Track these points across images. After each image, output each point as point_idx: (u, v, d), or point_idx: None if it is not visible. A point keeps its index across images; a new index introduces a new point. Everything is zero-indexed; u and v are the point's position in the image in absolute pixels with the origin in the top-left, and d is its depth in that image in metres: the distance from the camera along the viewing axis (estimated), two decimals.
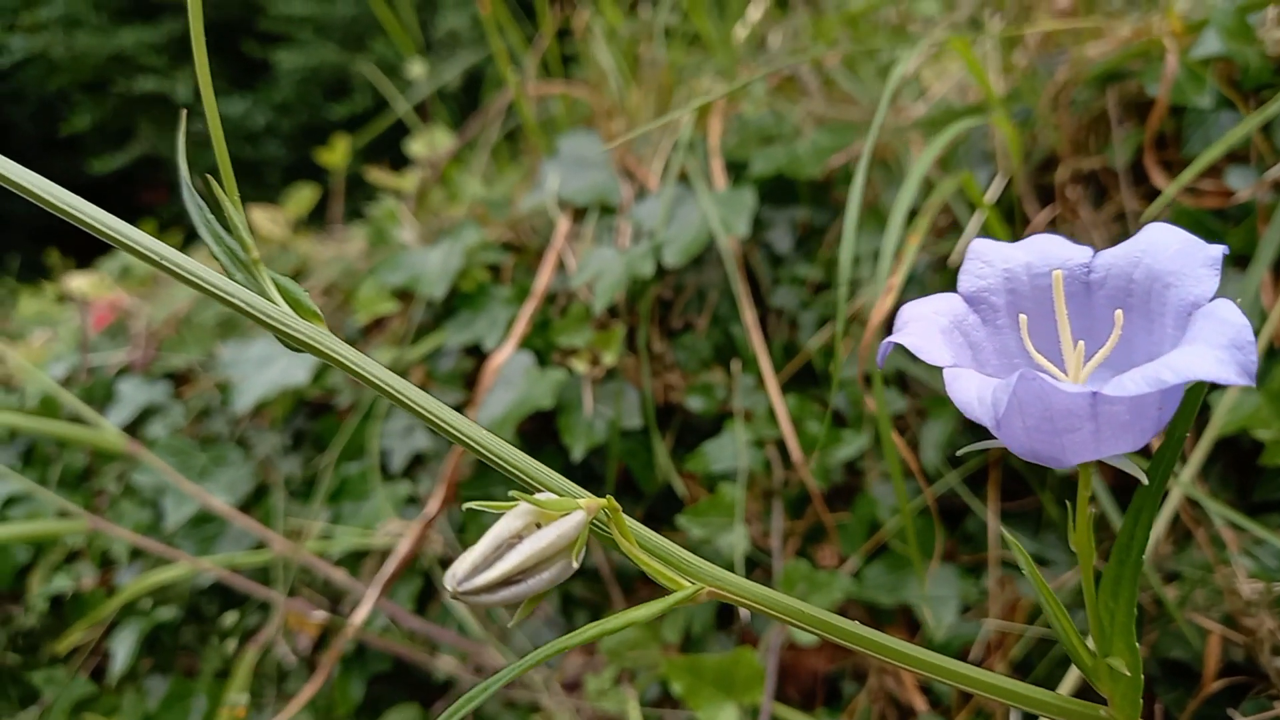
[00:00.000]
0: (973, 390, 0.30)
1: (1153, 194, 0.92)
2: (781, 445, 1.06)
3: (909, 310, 0.36)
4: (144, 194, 9.15)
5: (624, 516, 0.33)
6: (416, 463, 1.31)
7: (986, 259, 0.36)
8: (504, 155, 1.87)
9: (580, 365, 1.08)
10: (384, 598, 1.09)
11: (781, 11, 1.54)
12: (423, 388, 1.32)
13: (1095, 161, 0.93)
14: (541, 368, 1.15)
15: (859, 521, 1.02)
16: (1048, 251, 0.36)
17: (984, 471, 0.97)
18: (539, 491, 0.36)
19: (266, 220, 1.74)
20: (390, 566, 1.07)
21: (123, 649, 1.47)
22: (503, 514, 0.32)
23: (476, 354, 1.29)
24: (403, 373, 1.30)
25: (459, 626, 1.19)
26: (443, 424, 0.35)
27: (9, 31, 5.45)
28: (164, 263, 0.31)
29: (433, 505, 1.10)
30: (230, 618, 1.24)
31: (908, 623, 1.01)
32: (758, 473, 1.03)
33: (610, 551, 1.15)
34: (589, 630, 0.31)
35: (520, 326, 1.15)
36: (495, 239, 1.34)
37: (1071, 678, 0.79)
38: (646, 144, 1.31)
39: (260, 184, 5.56)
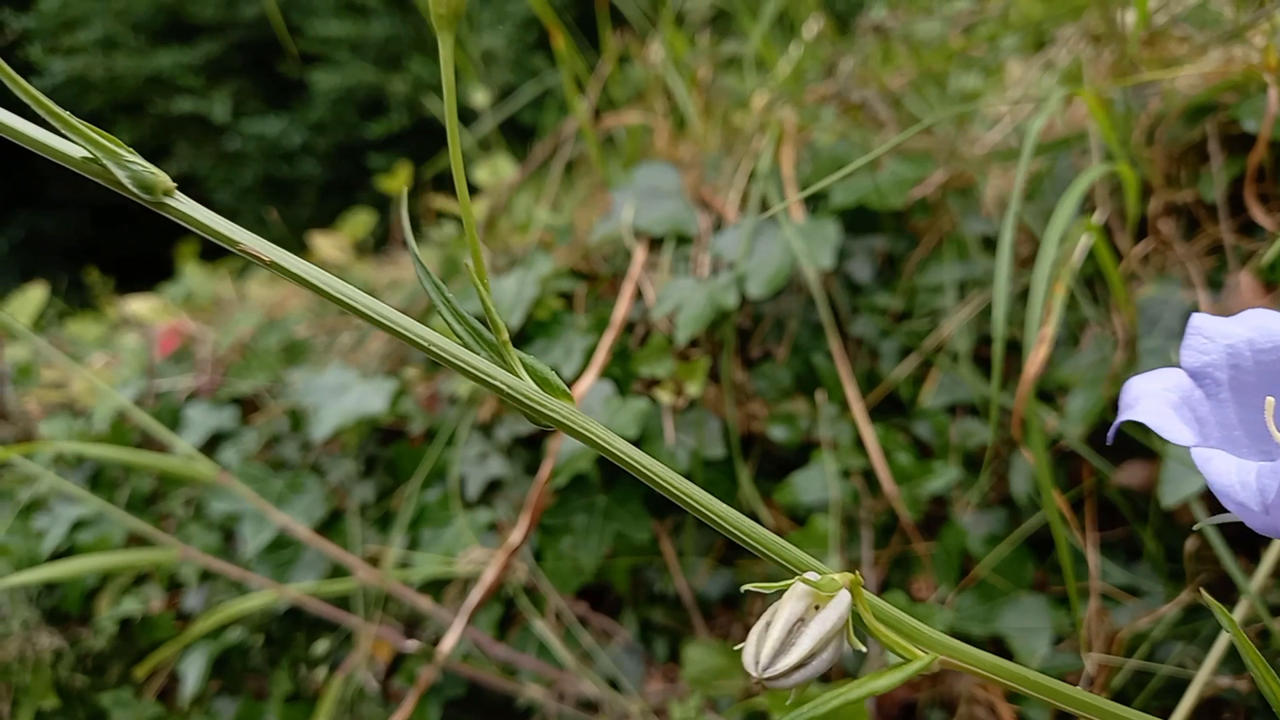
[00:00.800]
0: (1233, 475, 0.30)
1: (1247, 226, 0.92)
2: (867, 475, 1.07)
3: (1137, 386, 0.36)
4: None
5: (864, 590, 0.34)
6: (491, 489, 1.33)
7: (1208, 334, 0.37)
8: (560, 181, 1.89)
9: (665, 396, 1.09)
10: (469, 625, 1.10)
11: (844, 37, 1.55)
12: (497, 415, 1.34)
13: (1187, 195, 0.94)
14: (622, 397, 1.16)
15: (946, 551, 1.03)
16: (1269, 328, 0.36)
17: (1079, 503, 0.97)
18: (768, 558, 0.37)
19: (329, 245, 1.76)
20: (476, 595, 1.09)
21: (193, 671, 1.48)
22: (782, 593, 0.33)
23: None
24: (478, 403, 1.31)
25: (537, 650, 1.20)
26: (708, 512, 0.36)
27: (50, 54, 5.54)
28: (436, 351, 0.32)
29: (516, 535, 1.11)
30: (322, 646, 1.26)
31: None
32: (844, 503, 1.03)
33: (691, 578, 1.16)
34: (832, 699, 0.31)
35: (601, 356, 1.16)
36: (566, 266, 1.36)
37: (1182, 710, 0.79)
38: (718, 173, 1.33)
39: (296, 201, 5.63)
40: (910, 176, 1.11)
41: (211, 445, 1.63)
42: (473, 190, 1.75)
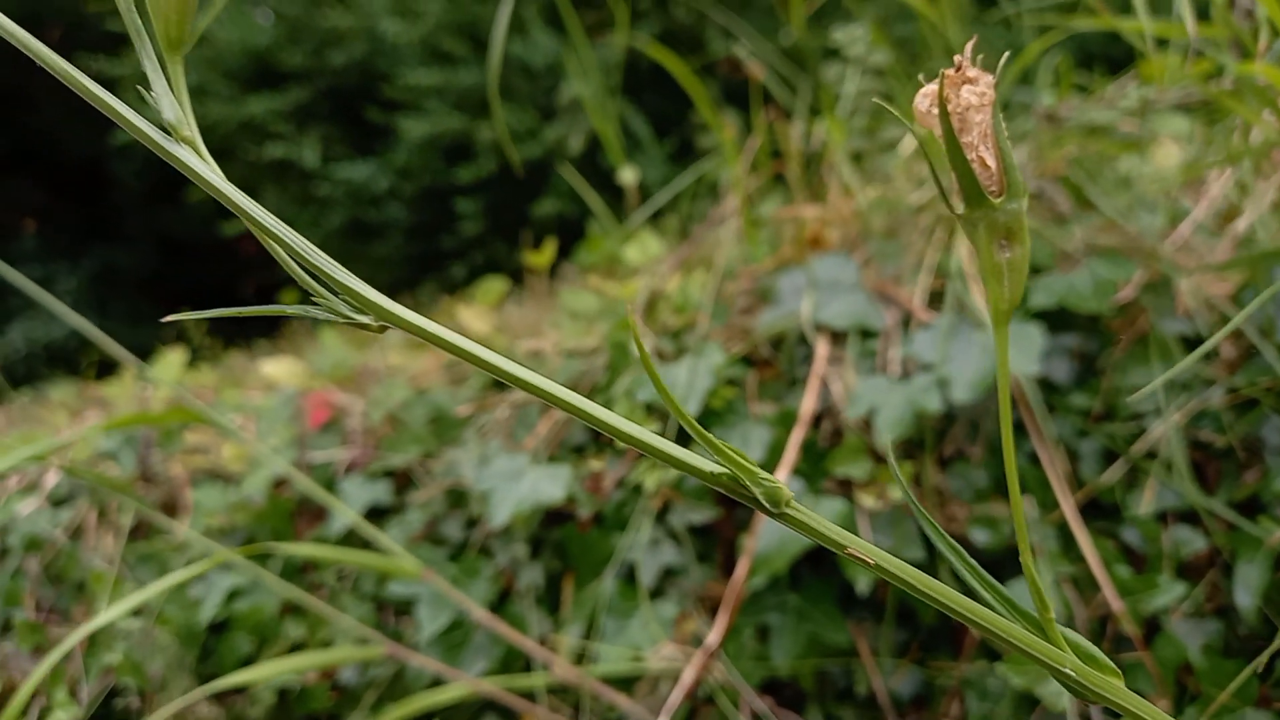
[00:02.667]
0: None
1: None
2: (1076, 581, 1.06)
3: None
4: (243, 244, 9.48)
5: None
6: (664, 576, 1.34)
7: None
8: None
9: (868, 499, 1.09)
10: None
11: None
12: (668, 504, 1.35)
13: None
14: (814, 495, 1.16)
15: (1163, 664, 1.01)
16: None
17: None
18: None
19: (474, 319, 1.80)
20: (677, 697, 1.09)
21: None
22: None
23: None
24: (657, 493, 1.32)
25: None
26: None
27: (142, 102, 5.68)
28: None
29: (714, 636, 1.12)
30: None
31: None
32: (1061, 613, 1.03)
33: (888, 676, 1.16)
34: None
35: (791, 455, 1.17)
36: (738, 354, 1.37)
37: None
38: (892, 262, 1.33)
39: (378, 242, 5.75)
40: (1111, 277, 1.11)
41: (369, 520, 1.66)
42: (543, 230, 1.77)
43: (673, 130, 4.93)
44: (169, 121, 0.34)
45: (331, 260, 0.31)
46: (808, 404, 1.20)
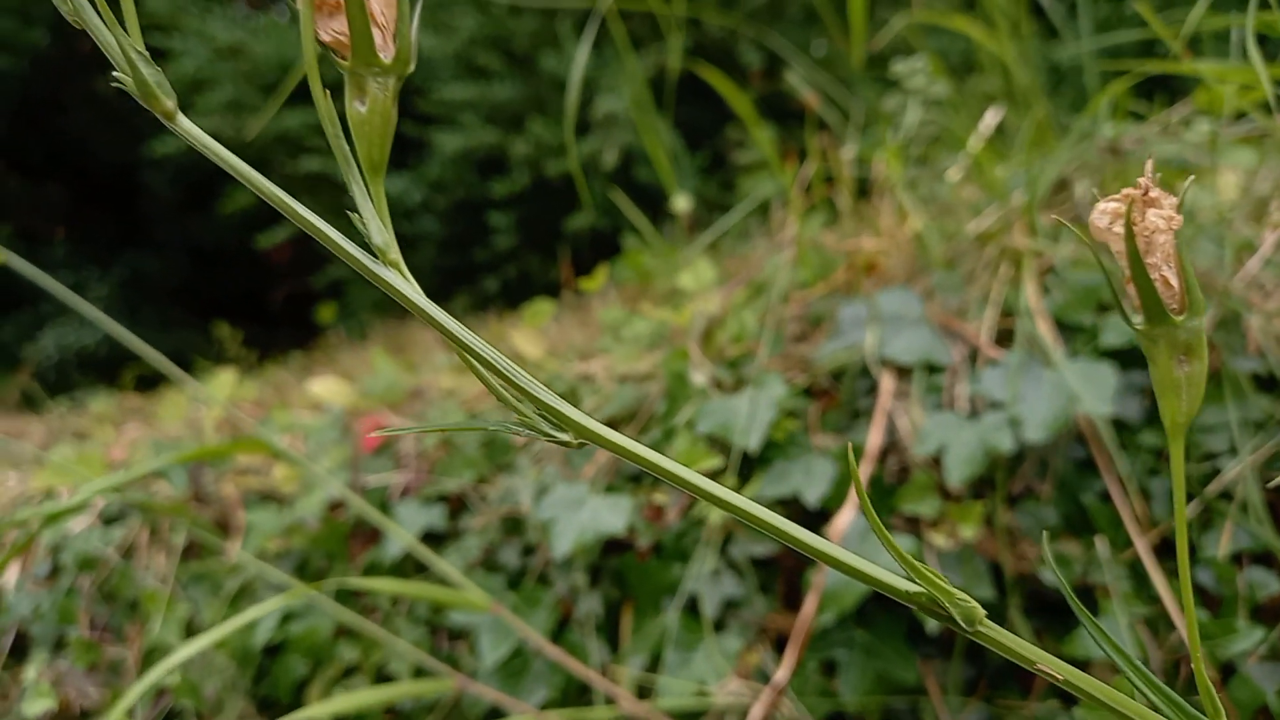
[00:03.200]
0: None
1: None
2: (1149, 622, 1.06)
3: None
4: (274, 253, 9.53)
5: None
6: (725, 607, 1.34)
7: None
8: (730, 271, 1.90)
9: (939, 538, 1.09)
10: None
11: (1057, 143, 1.55)
12: (729, 535, 1.35)
13: None
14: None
15: (1240, 707, 1.01)
16: None
17: None
18: None
19: (526, 343, 1.81)
20: None
21: None
22: None
23: (790, 504, 1.31)
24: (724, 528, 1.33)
25: None
26: None
27: (187, 110, 5.76)
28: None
29: (783, 673, 1.12)
30: None
31: None
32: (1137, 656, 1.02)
33: (956, 714, 1.16)
34: None
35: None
36: (799, 386, 1.37)
37: None
38: (954, 295, 1.33)
39: (413, 254, 5.79)
40: None
41: (423, 544, 1.67)
42: (573, 248, 1.78)
43: (705, 143, 4.93)
44: (377, 246, 0.35)
45: (536, 381, 0.32)
46: (874, 439, 1.21)
